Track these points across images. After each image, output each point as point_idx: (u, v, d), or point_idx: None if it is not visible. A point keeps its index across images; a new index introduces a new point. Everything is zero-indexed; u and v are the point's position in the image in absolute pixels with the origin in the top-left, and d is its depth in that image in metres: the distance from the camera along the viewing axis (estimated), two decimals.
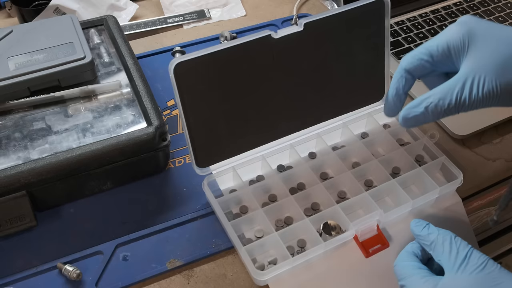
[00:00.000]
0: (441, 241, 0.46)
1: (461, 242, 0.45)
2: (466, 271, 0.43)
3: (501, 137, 0.67)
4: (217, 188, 0.58)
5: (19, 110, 0.61)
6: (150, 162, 0.59)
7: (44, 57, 0.61)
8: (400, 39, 0.78)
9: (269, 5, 0.88)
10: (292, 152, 0.60)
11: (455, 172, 0.58)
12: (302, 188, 0.59)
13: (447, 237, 0.46)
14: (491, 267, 0.43)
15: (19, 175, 0.53)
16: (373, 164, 0.59)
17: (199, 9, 0.86)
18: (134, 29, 0.82)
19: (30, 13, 0.79)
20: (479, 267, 0.43)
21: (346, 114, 0.62)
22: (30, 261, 0.53)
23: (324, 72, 0.57)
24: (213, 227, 0.56)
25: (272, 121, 0.57)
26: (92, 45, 0.69)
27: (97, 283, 0.52)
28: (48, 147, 0.57)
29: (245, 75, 0.53)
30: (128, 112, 0.61)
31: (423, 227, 0.48)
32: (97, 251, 0.54)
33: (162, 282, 0.53)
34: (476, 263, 0.43)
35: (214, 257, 0.54)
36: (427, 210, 0.57)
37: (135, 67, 0.64)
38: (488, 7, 0.84)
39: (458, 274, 0.43)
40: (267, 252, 0.54)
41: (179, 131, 0.67)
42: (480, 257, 0.44)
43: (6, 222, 0.53)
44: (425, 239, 0.47)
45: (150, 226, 0.56)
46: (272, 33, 0.51)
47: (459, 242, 0.45)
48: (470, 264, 0.43)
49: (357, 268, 0.53)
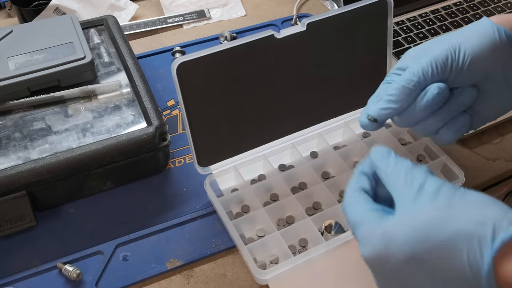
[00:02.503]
0: (397, 172, 0.39)
1: (418, 170, 0.38)
2: (420, 203, 0.36)
3: (501, 137, 0.67)
4: (217, 188, 0.58)
5: (19, 110, 0.61)
6: (150, 162, 0.59)
7: (44, 57, 0.61)
8: (400, 39, 0.78)
9: (269, 5, 0.88)
10: (293, 151, 0.60)
11: (456, 171, 0.58)
12: (304, 187, 0.59)
13: (403, 166, 0.39)
14: (447, 192, 0.36)
15: (19, 175, 0.53)
16: None
17: (199, 9, 0.86)
18: (134, 29, 0.82)
19: (30, 13, 0.79)
20: (433, 194, 0.36)
21: (347, 113, 0.62)
22: (30, 261, 0.53)
23: (326, 71, 0.57)
24: (213, 227, 0.56)
25: (273, 121, 0.57)
26: (92, 45, 0.68)
27: (97, 283, 0.52)
28: (48, 147, 0.57)
29: (247, 75, 0.53)
30: (128, 112, 0.61)
31: (383, 155, 0.40)
32: (97, 251, 0.54)
33: (162, 282, 0.52)
34: (430, 190, 0.36)
35: (214, 257, 0.54)
36: None
37: (135, 67, 0.64)
38: (488, 7, 0.84)
39: (412, 208, 0.36)
40: (269, 251, 0.54)
41: (179, 131, 0.67)
42: (435, 182, 0.36)
43: (6, 222, 0.53)
44: (382, 170, 0.40)
45: (150, 226, 0.56)
46: (275, 33, 0.51)
47: (416, 170, 0.38)
48: (424, 194, 0.36)
49: (359, 267, 0.53)
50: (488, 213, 0.33)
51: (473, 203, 0.34)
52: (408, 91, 0.43)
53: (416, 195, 0.36)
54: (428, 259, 0.34)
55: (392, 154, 0.40)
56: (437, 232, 0.34)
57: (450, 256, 0.33)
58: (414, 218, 0.35)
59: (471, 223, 0.33)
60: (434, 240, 0.34)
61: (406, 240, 0.34)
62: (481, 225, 0.32)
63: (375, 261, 0.37)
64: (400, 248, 0.35)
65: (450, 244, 0.33)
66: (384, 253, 0.36)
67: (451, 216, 0.34)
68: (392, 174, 0.39)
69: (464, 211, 0.34)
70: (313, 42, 0.54)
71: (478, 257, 0.32)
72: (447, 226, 0.33)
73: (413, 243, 0.34)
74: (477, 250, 0.32)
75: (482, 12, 0.83)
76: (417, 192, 0.36)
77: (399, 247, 0.35)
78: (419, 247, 0.34)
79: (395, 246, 0.35)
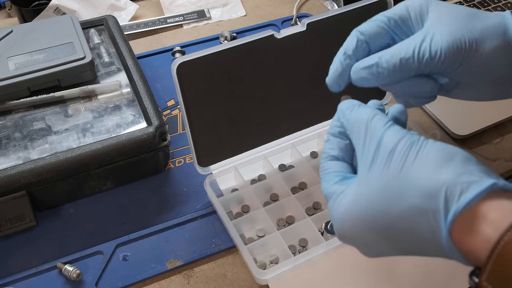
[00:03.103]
0: (357, 129, 0.35)
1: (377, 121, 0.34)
2: (376, 169, 0.33)
3: (501, 137, 0.67)
4: (217, 188, 0.58)
5: (19, 110, 0.61)
6: (150, 162, 0.59)
7: (44, 57, 0.61)
8: None
9: (269, 5, 0.88)
10: (293, 151, 0.60)
11: None
12: (304, 187, 0.59)
13: (364, 118, 0.35)
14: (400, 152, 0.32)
15: (19, 175, 0.53)
16: None
17: (199, 9, 0.86)
18: (134, 29, 0.82)
19: (30, 13, 0.79)
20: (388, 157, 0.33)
21: None
22: (30, 261, 0.53)
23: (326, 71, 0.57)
24: (213, 227, 0.56)
25: (273, 121, 0.57)
26: (92, 45, 0.68)
27: (97, 283, 0.52)
28: (48, 147, 0.57)
29: (247, 75, 0.53)
30: (128, 112, 0.61)
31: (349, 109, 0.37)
32: (97, 251, 0.54)
33: (162, 282, 0.52)
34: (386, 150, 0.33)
35: (214, 257, 0.54)
36: None
37: (135, 67, 0.64)
38: (488, 7, 0.84)
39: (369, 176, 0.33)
40: (269, 251, 0.54)
41: (179, 131, 0.67)
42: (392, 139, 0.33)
43: (6, 222, 0.53)
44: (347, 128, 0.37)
45: (150, 226, 0.56)
46: (275, 33, 0.51)
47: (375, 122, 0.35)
48: (381, 154, 0.33)
49: (359, 267, 0.53)
50: (441, 178, 0.31)
51: (427, 166, 0.31)
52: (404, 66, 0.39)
53: (372, 160, 0.34)
54: (389, 234, 0.33)
55: (356, 106, 0.37)
56: (394, 204, 0.32)
57: (408, 231, 0.32)
58: (368, 193, 0.33)
59: (424, 196, 0.31)
60: (393, 213, 0.32)
61: (362, 219, 0.34)
62: (433, 198, 0.30)
63: (344, 238, 0.37)
64: (360, 227, 0.34)
65: (407, 219, 0.32)
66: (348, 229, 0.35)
67: (403, 189, 0.32)
68: (353, 131, 0.36)
69: (416, 180, 0.31)
70: (313, 42, 0.54)
71: (436, 231, 0.31)
72: (403, 197, 0.32)
73: (369, 221, 0.34)
74: (433, 224, 0.31)
75: None
76: (373, 155, 0.34)
77: (358, 225, 0.34)
78: (376, 224, 0.33)
79: (355, 224, 0.34)
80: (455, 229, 0.30)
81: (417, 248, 0.33)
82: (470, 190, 0.30)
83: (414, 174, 0.32)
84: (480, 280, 0.29)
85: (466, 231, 0.30)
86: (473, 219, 0.30)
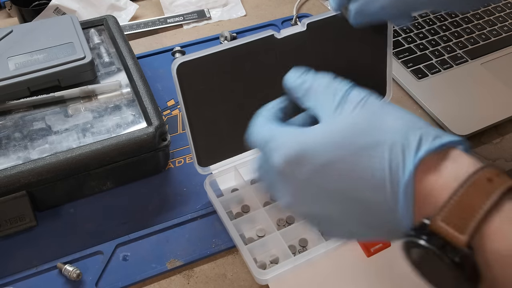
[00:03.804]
0: (316, 86, 0.37)
1: (340, 82, 0.36)
2: (343, 112, 0.34)
3: (501, 137, 0.67)
4: (217, 188, 0.58)
5: (19, 110, 0.61)
6: (150, 162, 0.59)
7: (44, 57, 0.61)
8: (400, 39, 0.78)
9: (269, 5, 0.88)
10: None
11: None
12: None
13: (324, 80, 0.37)
14: (372, 102, 0.34)
15: (19, 175, 0.53)
16: None
17: (199, 9, 0.86)
18: (134, 29, 0.82)
19: (30, 13, 0.79)
20: (358, 104, 0.34)
21: None
22: (30, 261, 0.53)
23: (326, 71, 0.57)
24: (213, 227, 0.56)
25: None
26: (92, 45, 0.68)
27: (97, 283, 0.52)
28: (48, 147, 0.57)
29: (247, 75, 0.53)
30: (128, 112, 0.61)
31: (298, 76, 0.39)
32: (97, 251, 0.54)
33: (162, 282, 0.52)
34: (354, 100, 0.34)
35: (214, 257, 0.54)
36: None
37: (135, 67, 0.64)
38: (488, 7, 0.84)
39: (334, 118, 0.34)
40: (269, 251, 0.54)
41: (179, 131, 0.67)
42: (359, 93, 0.35)
43: (6, 222, 0.53)
44: (298, 90, 0.38)
45: (150, 226, 0.56)
46: (275, 33, 0.51)
47: (338, 82, 0.36)
48: (348, 103, 0.34)
49: (359, 268, 0.53)
50: (416, 125, 0.32)
51: (402, 115, 0.33)
52: None
53: (339, 105, 0.34)
54: (346, 166, 0.32)
55: (311, 71, 0.38)
56: (360, 138, 0.32)
57: (369, 164, 0.31)
58: (336, 124, 0.33)
59: (398, 131, 0.31)
60: (356, 145, 0.32)
61: (324, 144, 0.33)
62: (407, 134, 0.31)
63: (289, 167, 0.34)
64: (317, 152, 0.33)
65: (371, 152, 0.31)
66: (301, 156, 0.33)
67: (377, 124, 0.32)
68: (310, 89, 0.37)
69: (391, 121, 0.32)
70: (313, 42, 0.54)
71: (400, 165, 0.30)
72: (372, 132, 0.32)
73: (332, 147, 0.32)
74: (399, 158, 0.31)
75: (482, 12, 0.83)
76: (340, 102, 0.34)
77: (315, 151, 0.33)
78: (338, 151, 0.32)
79: (312, 150, 0.33)
80: (421, 168, 0.30)
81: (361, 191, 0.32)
82: (443, 138, 0.31)
83: (389, 117, 0.33)
84: (435, 220, 0.28)
85: (432, 170, 0.30)
86: (442, 160, 0.30)
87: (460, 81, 0.72)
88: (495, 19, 0.82)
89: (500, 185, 0.28)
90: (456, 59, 0.75)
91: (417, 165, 0.30)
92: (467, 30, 0.79)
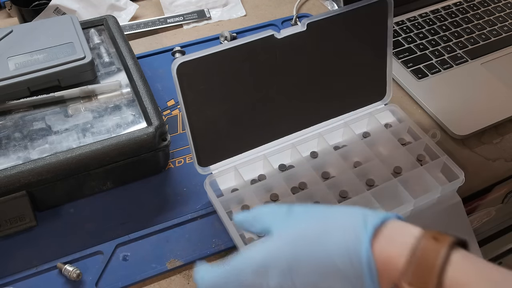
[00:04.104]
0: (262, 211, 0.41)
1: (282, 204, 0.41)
2: (291, 219, 0.38)
3: (501, 137, 0.67)
4: (217, 188, 0.58)
5: (19, 110, 0.61)
6: (150, 162, 0.59)
7: (44, 57, 0.61)
8: (400, 39, 0.78)
9: (269, 5, 0.88)
10: (293, 151, 0.60)
11: (456, 171, 0.58)
12: (304, 187, 0.59)
13: (268, 206, 0.42)
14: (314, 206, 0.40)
15: (19, 175, 0.53)
16: (375, 163, 0.59)
17: (199, 9, 0.86)
18: (134, 29, 0.82)
19: (30, 13, 0.79)
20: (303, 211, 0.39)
21: (347, 113, 0.62)
22: (30, 261, 0.53)
23: (326, 71, 0.57)
24: (213, 227, 0.56)
25: (273, 120, 0.57)
26: (92, 45, 0.68)
27: (97, 283, 0.52)
28: (48, 147, 0.57)
29: (247, 75, 0.53)
30: (128, 112, 0.61)
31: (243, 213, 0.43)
32: (97, 251, 0.54)
33: (162, 282, 0.52)
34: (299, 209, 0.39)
35: (214, 257, 0.54)
36: (427, 210, 0.57)
37: (135, 67, 0.64)
38: (488, 7, 0.84)
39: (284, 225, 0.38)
40: None
41: (179, 131, 0.67)
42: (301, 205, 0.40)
43: (6, 222, 0.53)
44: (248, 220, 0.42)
45: (150, 226, 0.56)
46: (275, 33, 0.51)
47: (280, 204, 0.41)
48: (295, 212, 0.39)
49: None
50: (356, 212, 0.37)
51: (342, 209, 0.38)
52: None
53: (287, 214, 0.39)
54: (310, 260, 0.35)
55: None
56: (315, 231, 0.36)
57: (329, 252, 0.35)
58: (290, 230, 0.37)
59: (343, 220, 0.36)
60: (312, 239, 0.36)
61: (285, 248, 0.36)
62: (353, 218, 0.36)
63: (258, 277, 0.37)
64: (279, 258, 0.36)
65: (328, 241, 0.35)
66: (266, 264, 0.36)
67: (325, 219, 0.37)
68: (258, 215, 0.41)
69: (336, 214, 0.37)
70: (313, 42, 0.54)
71: (356, 243, 0.34)
72: (324, 225, 0.36)
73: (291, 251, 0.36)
74: (353, 239, 0.34)
75: (482, 12, 0.83)
76: (287, 212, 0.39)
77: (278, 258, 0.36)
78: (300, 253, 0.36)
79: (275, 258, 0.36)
80: (374, 241, 0.34)
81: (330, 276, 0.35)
82: (382, 214, 0.36)
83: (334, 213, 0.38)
84: (401, 285, 0.32)
85: (384, 241, 0.34)
86: (390, 231, 0.35)
87: (460, 81, 0.72)
88: (495, 19, 0.82)
89: (444, 241, 0.33)
90: (456, 59, 0.75)
91: (371, 238, 0.34)
92: (467, 30, 0.79)
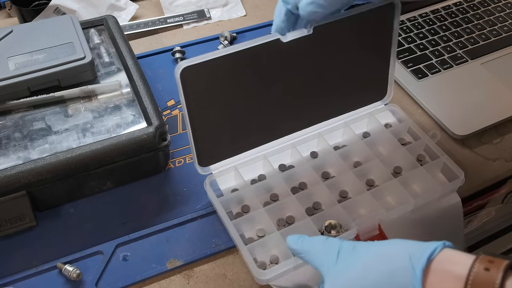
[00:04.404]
0: (314, 247, 0.43)
1: (332, 240, 0.43)
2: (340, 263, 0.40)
3: (501, 137, 0.67)
4: (217, 188, 0.58)
5: (19, 110, 0.61)
6: (150, 162, 0.59)
7: (44, 57, 0.61)
8: (400, 39, 0.78)
9: (269, 5, 0.88)
10: (293, 151, 0.60)
11: (456, 171, 0.57)
12: (304, 187, 0.59)
13: (319, 240, 0.44)
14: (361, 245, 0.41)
15: (19, 175, 0.53)
16: (375, 163, 0.59)
17: (199, 9, 0.86)
18: (134, 29, 0.82)
19: (30, 13, 0.79)
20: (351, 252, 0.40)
21: (347, 113, 0.62)
22: (30, 261, 0.53)
23: (329, 73, 0.57)
24: (213, 227, 0.56)
25: (274, 121, 0.57)
26: (92, 45, 0.68)
27: (97, 283, 0.52)
28: (48, 147, 0.57)
29: (251, 78, 0.52)
30: (128, 112, 0.61)
31: (297, 239, 0.45)
32: (97, 251, 0.54)
33: (162, 282, 0.52)
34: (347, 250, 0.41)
35: (214, 257, 0.54)
36: (426, 210, 0.57)
37: (135, 67, 0.64)
38: (488, 7, 0.84)
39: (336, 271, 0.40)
40: (269, 252, 0.54)
41: (179, 131, 0.67)
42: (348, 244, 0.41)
43: (6, 222, 0.53)
44: (300, 251, 0.45)
45: (150, 226, 0.56)
46: (281, 37, 0.51)
47: (330, 240, 0.43)
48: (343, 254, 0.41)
49: None
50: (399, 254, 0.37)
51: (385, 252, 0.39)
52: None
53: (337, 258, 0.40)
54: None
55: (304, 236, 0.45)
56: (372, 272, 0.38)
57: None
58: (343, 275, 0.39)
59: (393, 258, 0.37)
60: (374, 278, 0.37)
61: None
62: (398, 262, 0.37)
63: None
64: None
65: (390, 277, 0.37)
66: None
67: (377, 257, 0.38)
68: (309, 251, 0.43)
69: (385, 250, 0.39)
70: (319, 46, 0.54)
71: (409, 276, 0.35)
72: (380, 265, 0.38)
73: None
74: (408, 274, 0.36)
75: (482, 12, 0.83)
76: (337, 256, 0.41)
77: None
78: None
79: None
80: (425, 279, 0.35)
81: None
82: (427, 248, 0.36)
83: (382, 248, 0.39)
84: None
85: (436, 276, 0.35)
86: (440, 265, 0.35)
87: (460, 81, 0.72)
88: (495, 19, 0.82)
89: (496, 272, 0.33)
90: (456, 59, 0.75)
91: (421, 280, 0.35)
92: (467, 30, 0.79)
